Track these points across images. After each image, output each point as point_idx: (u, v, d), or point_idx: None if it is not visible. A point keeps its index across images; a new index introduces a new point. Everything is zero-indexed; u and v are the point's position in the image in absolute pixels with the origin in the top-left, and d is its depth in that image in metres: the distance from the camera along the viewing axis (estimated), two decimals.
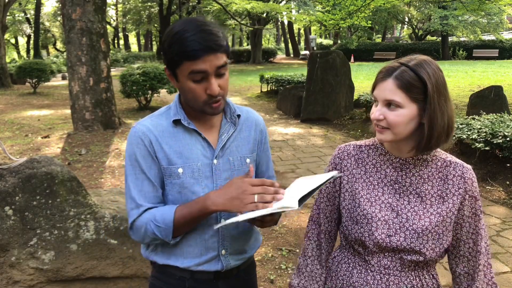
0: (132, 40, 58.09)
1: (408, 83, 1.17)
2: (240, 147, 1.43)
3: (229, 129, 1.41)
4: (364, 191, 1.31)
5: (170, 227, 1.29)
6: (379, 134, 1.25)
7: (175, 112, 1.37)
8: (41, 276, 2.34)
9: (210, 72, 1.23)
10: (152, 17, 38.87)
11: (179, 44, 1.21)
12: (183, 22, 1.26)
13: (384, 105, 1.21)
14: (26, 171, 2.31)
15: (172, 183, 1.35)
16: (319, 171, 6.23)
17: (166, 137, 1.35)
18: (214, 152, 1.38)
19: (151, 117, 1.40)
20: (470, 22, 27.64)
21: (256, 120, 1.50)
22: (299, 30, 54.51)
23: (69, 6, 7.80)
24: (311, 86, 9.92)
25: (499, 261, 3.58)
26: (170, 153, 1.34)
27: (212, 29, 1.23)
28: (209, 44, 1.21)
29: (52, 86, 18.30)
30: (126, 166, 1.37)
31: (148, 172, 1.34)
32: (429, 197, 1.26)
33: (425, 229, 1.23)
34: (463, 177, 1.27)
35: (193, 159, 1.35)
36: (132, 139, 1.36)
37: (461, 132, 5.81)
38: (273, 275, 3.36)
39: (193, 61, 1.21)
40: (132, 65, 12.05)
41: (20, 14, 36.12)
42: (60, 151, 6.89)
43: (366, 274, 1.30)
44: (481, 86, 12.07)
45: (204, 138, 1.37)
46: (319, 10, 24.95)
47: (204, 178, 1.36)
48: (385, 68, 1.23)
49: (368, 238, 1.27)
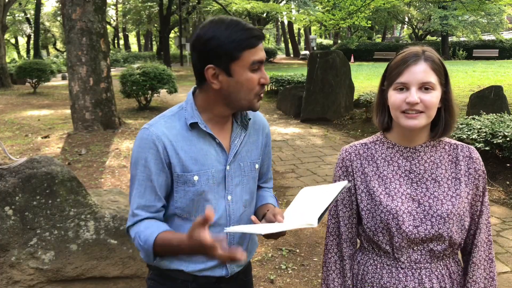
0: (132, 40, 58.06)
1: (438, 66, 1.22)
2: (250, 152, 1.40)
3: (240, 133, 1.38)
4: (381, 187, 1.29)
5: (151, 252, 1.26)
6: (411, 120, 1.21)
7: (191, 114, 1.30)
8: (41, 276, 2.34)
9: (263, 61, 1.25)
10: (152, 17, 38.85)
11: (238, 34, 1.20)
12: (217, 21, 1.24)
13: (418, 89, 1.20)
14: (26, 171, 2.31)
15: (185, 191, 1.30)
16: (319, 171, 6.24)
17: (180, 141, 1.29)
18: (228, 158, 1.34)
19: (163, 117, 1.33)
20: (470, 22, 27.63)
21: (263, 124, 1.48)
22: (299, 30, 54.48)
23: (69, 6, 7.80)
24: (311, 86, 9.92)
25: (499, 261, 3.58)
26: (186, 159, 1.28)
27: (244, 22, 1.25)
28: (259, 33, 1.23)
29: (52, 86, 18.29)
30: (133, 168, 1.31)
31: (155, 180, 1.29)
32: (445, 181, 1.27)
33: (450, 213, 1.23)
34: (471, 157, 1.30)
35: (208, 166, 1.31)
36: (143, 142, 1.28)
37: (461, 132, 5.81)
38: (273, 275, 3.36)
39: (253, 48, 1.21)
40: (132, 65, 12.04)
41: (20, 14, 36.11)
42: (60, 151, 6.89)
43: (397, 273, 1.27)
44: (481, 86, 12.06)
45: (218, 143, 1.32)
46: (319, 10, 24.95)
47: (217, 185, 1.33)
48: (409, 53, 1.24)
49: (396, 233, 1.24)
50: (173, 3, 27.80)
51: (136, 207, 1.30)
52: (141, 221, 1.30)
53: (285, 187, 5.54)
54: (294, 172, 6.21)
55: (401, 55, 1.25)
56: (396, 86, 1.23)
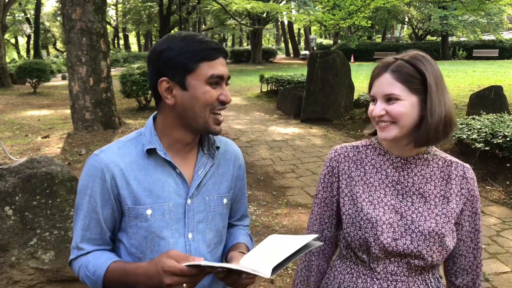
0: (132, 40, 58.10)
1: (406, 75, 1.16)
2: (217, 185, 1.27)
3: (206, 163, 1.25)
4: (365, 194, 1.26)
5: (100, 284, 1.16)
6: (382, 132, 1.19)
7: (149, 139, 1.19)
8: (41, 276, 2.34)
9: (225, 77, 1.17)
10: (152, 17, 38.88)
11: (195, 45, 1.13)
12: (173, 36, 1.18)
13: (384, 101, 1.18)
14: (26, 171, 2.31)
15: (137, 226, 1.18)
16: (319, 171, 6.23)
17: (134, 170, 1.18)
18: (189, 191, 1.21)
19: (118, 143, 1.22)
20: (470, 22, 27.64)
21: (235, 154, 1.35)
22: (299, 30, 54.51)
23: (69, 6, 7.80)
24: (311, 86, 9.92)
25: (499, 261, 3.57)
26: (138, 190, 1.17)
27: (203, 35, 1.18)
28: (219, 47, 1.16)
29: (52, 86, 18.30)
30: (79, 197, 1.20)
31: (100, 211, 1.18)
32: (432, 198, 1.23)
33: (431, 231, 1.19)
34: (465, 177, 1.25)
35: (165, 198, 1.18)
36: (91, 170, 1.18)
37: (461, 132, 5.82)
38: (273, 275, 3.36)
39: (212, 61, 1.14)
40: (132, 65, 12.04)
41: (20, 14, 36.14)
42: (60, 151, 6.89)
43: (372, 283, 1.24)
44: (481, 86, 12.07)
45: (179, 173, 1.20)
46: (319, 10, 24.96)
47: (175, 221, 1.20)
48: (380, 64, 1.22)
49: (373, 243, 1.21)
50: (173, 3, 27.81)
51: (80, 240, 1.20)
52: (86, 254, 1.21)
53: (285, 187, 5.54)
54: (294, 172, 6.22)
55: (375, 66, 1.25)
56: (370, 98, 1.24)
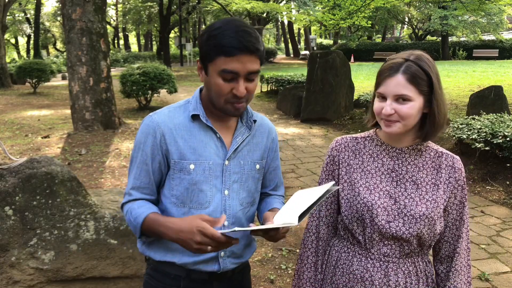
0: (132, 40, 58.07)
1: (416, 77, 1.24)
2: (251, 152, 1.45)
3: (243, 132, 1.42)
4: (362, 180, 1.37)
5: (138, 228, 1.34)
6: (387, 127, 1.29)
7: (194, 107, 1.37)
8: (41, 276, 2.34)
9: (241, 74, 1.25)
10: (152, 17, 38.85)
11: (218, 38, 1.23)
12: (226, 20, 1.28)
13: (394, 100, 1.26)
14: (26, 171, 2.31)
15: (181, 178, 1.35)
16: (319, 171, 6.23)
17: (181, 131, 1.35)
18: (227, 153, 1.38)
19: (169, 108, 1.41)
20: (470, 22, 27.62)
21: (269, 128, 1.52)
22: (299, 30, 54.48)
23: (69, 6, 7.80)
24: (311, 86, 9.92)
25: (499, 261, 3.58)
26: (184, 147, 1.34)
27: (252, 32, 1.25)
28: (246, 44, 1.23)
29: (52, 86, 18.28)
30: (134, 151, 1.39)
31: (150, 163, 1.36)
32: (424, 185, 1.34)
33: (422, 215, 1.30)
34: (454, 167, 1.36)
35: (206, 157, 1.35)
36: (145, 128, 1.37)
37: (461, 132, 5.82)
38: (273, 275, 3.36)
39: (228, 57, 1.22)
40: (132, 65, 12.01)
41: (20, 14, 36.11)
42: (60, 151, 6.89)
43: (366, 262, 1.35)
44: (481, 86, 12.06)
45: (219, 137, 1.38)
46: (319, 10, 24.94)
47: (214, 178, 1.37)
48: (390, 64, 1.29)
49: (369, 225, 1.32)
50: (173, 3, 27.80)
51: (131, 187, 1.39)
52: (134, 200, 1.38)
53: (285, 187, 5.52)
54: (294, 172, 6.22)
55: (384, 65, 1.31)
56: (378, 95, 1.32)
